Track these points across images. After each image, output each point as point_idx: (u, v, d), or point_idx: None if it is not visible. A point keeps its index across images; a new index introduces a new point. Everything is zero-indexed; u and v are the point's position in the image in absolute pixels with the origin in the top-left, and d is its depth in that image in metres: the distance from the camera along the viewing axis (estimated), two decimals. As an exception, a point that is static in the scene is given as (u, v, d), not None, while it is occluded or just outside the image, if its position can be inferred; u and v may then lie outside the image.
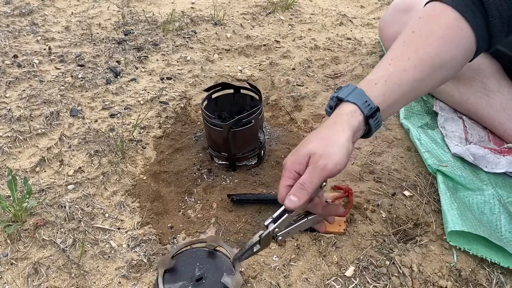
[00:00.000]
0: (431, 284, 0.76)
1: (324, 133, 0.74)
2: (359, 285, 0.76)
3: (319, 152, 0.72)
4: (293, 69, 1.45)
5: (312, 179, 0.72)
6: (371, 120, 0.75)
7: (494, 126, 1.09)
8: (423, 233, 0.85)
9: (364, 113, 0.74)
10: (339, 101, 0.77)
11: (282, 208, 0.73)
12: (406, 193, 0.95)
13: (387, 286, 0.76)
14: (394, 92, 0.77)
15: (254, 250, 0.73)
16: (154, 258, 0.82)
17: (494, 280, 0.77)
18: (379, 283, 0.76)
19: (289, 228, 0.75)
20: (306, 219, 0.77)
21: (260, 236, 0.72)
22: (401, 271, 0.78)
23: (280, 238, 0.74)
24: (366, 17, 1.85)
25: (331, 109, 0.78)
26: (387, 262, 0.80)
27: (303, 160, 0.73)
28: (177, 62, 1.44)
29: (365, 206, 0.92)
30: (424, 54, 0.77)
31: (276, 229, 0.73)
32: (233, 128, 0.95)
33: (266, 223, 0.74)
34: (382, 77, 0.77)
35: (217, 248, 0.79)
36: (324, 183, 0.75)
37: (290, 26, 1.73)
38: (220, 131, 0.95)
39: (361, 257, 0.81)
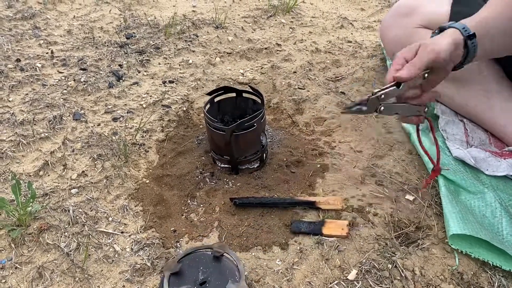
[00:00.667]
0: (433, 287, 0.77)
1: (431, 39, 0.86)
2: (362, 289, 0.77)
3: (428, 42, 0.85)
4: (295, 72, 1.45)
5: (422, 57, 0.84)
6: (469, 42, 0.86)
7: (494, 128, 1.09)
8: (425, 236, 0.86)
9: (463, 34, 0.86)
10: (440, 31, 0.90)
11: (391, 84, 0.84)
12: (408, 196, 0.95)
13: (390, 290, 0.76)
14: (487, 30, 0.89)
15: (362, 109, 0.84)
16: (158, 262, 0.82)
17: (496, 283, 0.77)
18: (381, 286, 0.77)
19: (392, 103, 0.86)
20: (408, 104, 0.88)
21: (368, 98, 0.83)
22: (403, 275, 0.78)
23: (382, 108, 0.85)
24: (367, 20, 1.85)
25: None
26: (390, 266, 0.80)
27: (414, 49, 0.86)
28: (179, 65, 1.45)
29: (367, 209, 0.93)
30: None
31: (383, 96, 0.83)
32: (235, 132, 0.96)
33: (374, 91, 0.85)
34: (476, 18, 0.90)
35: (224, 255, 0.80)
36: (426, 74, 0.86)
37: (291, 29, 1.74)
38: (222, 134, 0.96)
39: (364, 261, 0.81)
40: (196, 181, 1.02)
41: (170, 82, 1.36)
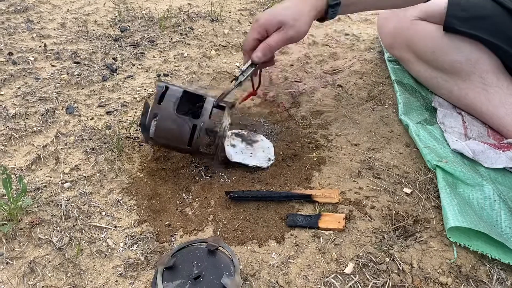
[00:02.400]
0: (431, 280, 0.76)
1: (297, 8, 0.93)
2: (359, 282, 0.76)
3: (291, 23, 0.92)
4: (291, 65, 1.44)
5: (278, 43, 0.94)
6: (330, 10, 0.96)
7: (493, 121, 1.08)
8: (423, 229, 0.85)
9: (328, 2, 0.94)
10: None
11: (249, 62, 0.96)
12: (406, 189, 0.94)
13: (387, 283, 0.75)
14: None
15: (230, 89, 0.97)
16: (152, 257, 0.81)
17: (495, 276, 0.76)
18: (378, 280, 0.76)
19: (247, 77, 0.97)
20: (255, 67, 0.97)
21: (235, 85, 0.97)
22: (401, 268, 0.77)
23: (242, 85, 0.98)
24: (364, 12, 1.83)
25: None
26: (387, 259, 0.79)
27: (276, 25, 0.93)
28: (174, 58, 1.43)
29: (364, 202, 0.91)
30: None
31: (244, 78, 0.97)
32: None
33: (237, 75, 0.97)
34: None
35: (218, 248, 0.78)
36: None
37: (287, 22, 1.72)
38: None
39: (361, 254, 0.80)
40: (191, 175, 1.01)
41: (165, 75, 1.34)
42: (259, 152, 1.01)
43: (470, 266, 0.78)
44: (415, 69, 1.27)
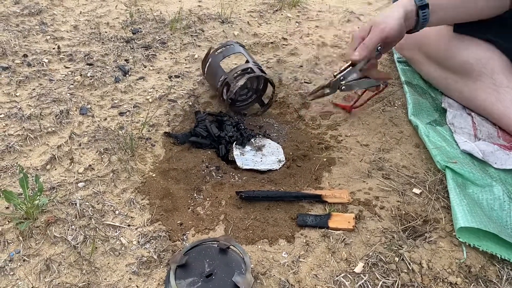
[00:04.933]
0: (441, 280, 0.76)
1: (385, 12, 1.01)
2: (368, 281, 0.76)
3: (379, 21, 0.99)
4: (301, 66, 1.45)
5: (372, 38, 0.99)
6: (421, 12, 1.00)
7: (503, 122, 1.08)
8: (432, 229, 0.85)
9: (416, 3, 0.99)
10: None
11: (348, 64, 1.03)
12: (415, 189, 0.95)
13: (396, 282, 0.76)
14: (442, 2, 1.01)
15: (325, 92, 1.06)
16: (164, 255, 0.82)
17: (504, 277, 0.76)
18: (388, 279, 0.77)
19: (352, 80, 1.04)
20: (365, 79, 1.05)
21: (330, 81, 1.04)
22: (410, 267, 0.78)
23: (343, 87, 1.05)
24: (374, 14, 1.84)
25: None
26: (396, 259, 0.80)
27: (368, 28, 1.00)
28: (185, 60, 1.45)
29: (374, 202, 0.92)
30: None
31: (342, 77, 1.03)
32: None
33: (334, 74, 1.04)
34: None
35: (230, 247, 0.80)
36: (380, 47, 1.02)
37: (297, 24, 1.73)
38: None
39: (370, 254, 0.81)
40: (202, 175, 1.02)
41: (176, 76, 1.36)
42: (269, 156, 1.03)
43: (480, 266, 0.78)
44: (425, 70, 1.27)
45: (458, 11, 1.05)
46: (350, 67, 1.04)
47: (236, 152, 1.05)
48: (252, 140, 1.09)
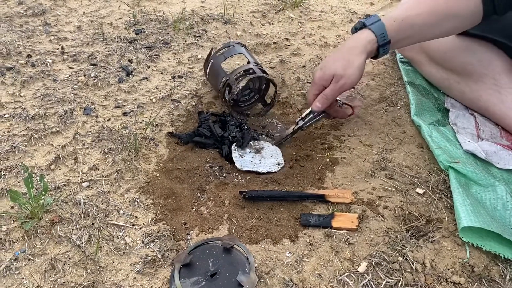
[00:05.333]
0: (444, 280, 0.76)
1: (345, 56, 1.00)
2: (372, 281, 0.77)
3: (340, 73, 1.00)
4: (304, 66, 1.45)
5: (333, 93, 1.03)
6: (381, 49, 1.01)
7: (506, 122, 1.08)
8: (436, 229, 0.86)
9: (378, 42, 0.99)
10: (363, 26, 1.02)
11: (309, 110, 1.09)
12: (418, 189, 0.95)
13: (400, 282, 0.76)
14: (406, 31, 0.99)
15: (288, 138, 1.12)
16: (169, 254, 0.83)
17: (508, 276, 0.77)
18: (391, 278, 0.77)
19: (311, 122, 1.11)
20: (323, 115, 1.11)
21: (293, 129, 1.11)
22: (413, 267, 0.78)
23: (304, 128, 1.11)
24: (377, 13, 1.84)
25: (356, 29, 1.04)
26: (400, 258, 0.80)
27: (328, 78, 1.02)
28: (188, 60, 1.45)
29: (377, 202, 0.93)
30: (437, 5, 0.97)
31: (304, 124, 1.10)
32: None
33: (297, 120, 1.11)
34: (400, 17, 0.98)
35: (234, 247, 0.80)
36: (339, 98, 1.12)
37: (299, 24, 1.73)
38: None
39: (374, 253, 0.81)
40: (205, 174, 1.03)
41: (179, 77, 1.36)
42: (268, 158, 1.04)
43: (483, 266, 0.78)
44: (427, 70, 1.27)
45: (426, 34, 1.03)
46: (311, 115, 1.10)
47: (235, 154, 1.06)
48: (251, 142, 1.10)
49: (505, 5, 0.94)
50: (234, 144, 1.10)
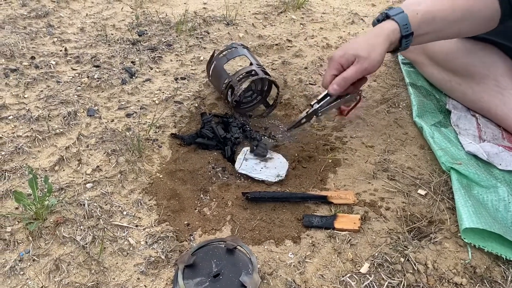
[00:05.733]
0: (446, 280, 0.77)
1: (369, 42, 0.97)
2: (374, 282, 0.77)
3: (364, 56, 0.96)
4: (306, 68, 1.45)
5: (355, 75, 0.98)
6: (404, 40, 0.98)
7: (507, 123, 1.09)
8: (438, 230, 0.86)
9: (401, 33, 0.97)
10: (387, 17, 1.00)
11: (325, 92, 1.04)
12: (420, 191, 0.95)
13: (402, 283, 0.77)
14: (428, 25, 0.98)
15: (302, 122, 1.07)
16: (172, 255, 0.83)
17: (509, 277, 0.77)
18: (393, 279, 0.77)
19: (327, 107, 1.06)
20: (339, 100, 1.06)
21: (307, 112, 1.06)
22: (415, 268, 0.79)
23: (320, 114, 1.06)
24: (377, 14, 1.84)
25: (378, 21, 1.02)
26: (402, 259, 0.80)
27: (350, 59, 0.98)
28: (191, 62, 1.46)
29: (379, 203, 0.93)
30: (459, 2, 0.97)
31: (319, 108, 1.04)
32: None
33: (312, 103, 1.06)
34: (423, 10, 0.97)
35: (237, 248, 0.81)
36: None
37: (301, 25, 1.74)
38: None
39: (376, 254, 0.82)
40: (208, 176, 1.03)
41: (182, 78, 1.37)
42: (270, 169, 1.04)
43: (485, 267, 0.79)
44: (428, 72, 1.28)
45: (446, 31, 1.02)
46: (327, 97, 1.05)
47: (240, 155, 1.06)
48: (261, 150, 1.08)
49: None
50: (248, 149, 1.09)
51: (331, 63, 1.00)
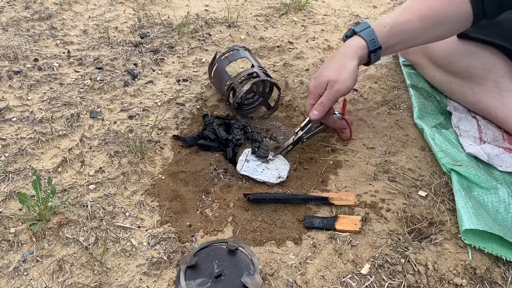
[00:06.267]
0: (446, 281, 0.77)
1: (338, 62, 1.00)
2: (375, 283, 0.78)
3: (334, 79, 0.99)
4: (307, 70, 1.46)
5: (330, 99, 1.01)
6: (373, 55, 1.01)
7: (507, 125, 1.09)
8: (438, 231, 0.86)
9: (369, 48, 0.99)
10: (354, 33, 1.02)
11: (307, 119, 1.08)
12: (421, 192, 0.96)
13: (403, 284, 0.77)
14: (397, 37, 1.00)
15: (288, 149, 1.10)
16: (174, 256, 0.84)
17: (510, 278, 0.77)
18: (394, 280, 0.78)
19: (311, 133, 1.11)
20: (321, 127, 1.14)
21: (293, 139, 1.10)
22: (416, 269, 0.79)
23: (305, 140, 1.11)
24: (379, 17, 1.85)
25: (347, 37, 1.04)
26: (402, 260, 0.81)
27: (323, 86, 1.01)
28: (193, 64, 1.47)
29: (380, 205, 0.93)
30: (427, 10, 0.97)
31: (304, 134, 1.09)
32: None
33: (296, 131, 1.10)
34: (390, 23, 0.99)
35: (238, 248, 0.81)
36: (336, 112, 1.13)
37: (303, 27, 1.74)
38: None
39: (377, 255, 0.82)
40: (210, 177, 1.04)
41: (184, 80, 1.38)
42: (272, 170, 1.04)
43: (485, 268, 0.79)
44: (429, 74, 1.28)
45: (418, 39, 1.03)
46: (309, 124, 1.09)
47: (242, 157, 1.07)
48: (268, 154, 1.09)
49: (494, 9, 0.95)
50: (249, 151, 1.10)
51: (309, 94, 1.05)
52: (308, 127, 1.09)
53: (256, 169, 1.04)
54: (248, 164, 1.04)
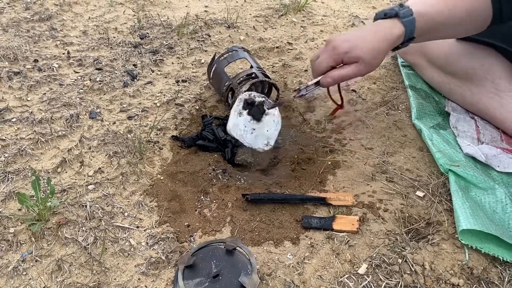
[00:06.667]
0: (443, 282, 0.78)
1: (376, 46, 0.93)
2: (372, 283, 0.78)
3: (368, 61, 0.92)
4: (306, 70, 1.46)
5: (352, 76, 0.94)
6: (403, 45, 0.97)
7: (506, 126, 1.09)
8: (435, 231, 0.87)
9: (405, 38, 0.95)
10: (396, 15, 0.94)
11: (315, 80, 0.98)
12: (418, 192, 0.96)
13: (400, 284, 0.77)
14: (428, 30, 0.96)
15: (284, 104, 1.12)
16: (172, 256, 0.84)
17: (506, 278, 0.78)
18: (391, 280, 0.78)
19: (308, 92, 1.01)
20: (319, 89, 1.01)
21: (294, 96, 1.03)
22: (413, 269, 0.80)
23: (304, 95, 1.02)
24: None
25: (385, 16, 0.96)
26: (400, 260, 0.81)
27: (354, 59, 0.92)
28: (192, 65, 1.47)
29: (377, 205, 0.94)
30: (459, 5, 0.95)
31: (302, 94, 1.01)
32: None
33: (300, 87, 1.01)
34: (426, 13, 0.95)
35: (236, 248, 0.82)
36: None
37: (302, 28, 1.75)
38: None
39: (374, 255, 0.83)
40: (209, 177, 1.04)
41: (183, 81, 1.38)
42: (262, 130, 0.99)
43: (482, 268, 0.80)
44: (428, 74, 1.29)
45: (442, 32, 1.02)
46: (314, 84, 1.00)
47: (236, 109, 1.04)
48: (264, 99, 1.05)
49: (510, 13, 0.95)
50: (246, 94, 1.06)
51: (333, 52, 0.94)
52: (312, 88, 1.00)
53: (246, 128, 1.00)
54: (240, 118, 1.00)
